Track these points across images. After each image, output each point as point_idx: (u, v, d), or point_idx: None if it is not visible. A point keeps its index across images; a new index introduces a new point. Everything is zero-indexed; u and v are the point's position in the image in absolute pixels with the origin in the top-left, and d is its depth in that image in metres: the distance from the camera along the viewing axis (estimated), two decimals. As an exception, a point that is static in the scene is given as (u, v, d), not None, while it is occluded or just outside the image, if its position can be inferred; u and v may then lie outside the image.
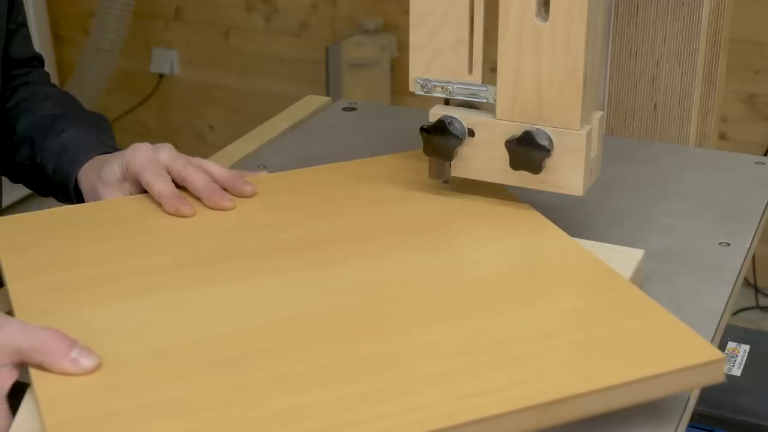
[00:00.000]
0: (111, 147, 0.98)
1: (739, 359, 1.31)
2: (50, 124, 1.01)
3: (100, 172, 0.92)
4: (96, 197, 0.92)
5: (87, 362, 0.64)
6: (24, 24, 1.09)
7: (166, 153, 0.90)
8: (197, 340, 0.68)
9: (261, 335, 0.68)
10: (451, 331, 0.68)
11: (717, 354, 0.64)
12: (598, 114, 0.83)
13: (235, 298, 0.73)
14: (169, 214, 0.86)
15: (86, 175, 0.94)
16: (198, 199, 0.87)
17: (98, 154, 0.96)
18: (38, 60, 1.14)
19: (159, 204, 0.87)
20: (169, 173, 0.89)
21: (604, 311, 0.70)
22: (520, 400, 0.60)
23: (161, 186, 0.87)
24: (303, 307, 0.71)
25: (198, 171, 0.89)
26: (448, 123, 0.83)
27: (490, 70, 0.82)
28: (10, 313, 0.72)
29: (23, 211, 0.88)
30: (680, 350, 0.65)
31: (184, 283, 0.75)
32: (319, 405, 0.60)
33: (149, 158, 0.89)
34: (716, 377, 0.64)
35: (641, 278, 0.80)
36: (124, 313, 0.71)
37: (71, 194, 0.96)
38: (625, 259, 0.79)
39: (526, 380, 0.62)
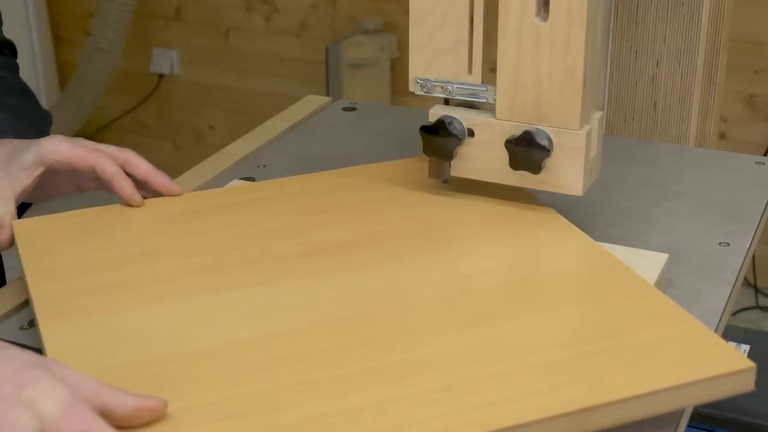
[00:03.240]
0: (25, 136, 0.92)
1: (739, 359, 1.30)
2: None
3: (10, 155, 0.87)
4: None
5: None
6: None
7: (82, 141, 0.87)
8: (220, 345, 0.67)
9: (283, 341, 0.67)
10: (477, 338, 0.67)
11: (747, 363, 0.63)
12: (598, 114, 0.83)
13: (255, 303, 0.73)
14: (123, 196, 0.85)
15: None
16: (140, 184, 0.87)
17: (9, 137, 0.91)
18: (8, 47, 1.09)
19: (157, 201, 0.86)
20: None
21: (633, 318, 0.69)
22: (549, 408, 0.59)
23: (113, 168, 0.85)
24: (323, 313, 0.71)
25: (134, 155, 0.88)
26: (448, 123, 0.83)
27: (490, 70, 0.82)
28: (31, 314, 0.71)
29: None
30: (710, 359, 0.64)
31: (206, 288, 0.75)
32: (347, 413, 0.60)
33: (74, 143, 0.86)
34: (746, 386, 0.63)
35: (665, 283, 0.80)
36: (146, 318, 0.71)
37: None
38: (649, 263, 0.78)
39: (554, 388, 0.61)
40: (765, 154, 2.20)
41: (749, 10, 2.24)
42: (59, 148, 0.85)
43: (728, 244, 0.88)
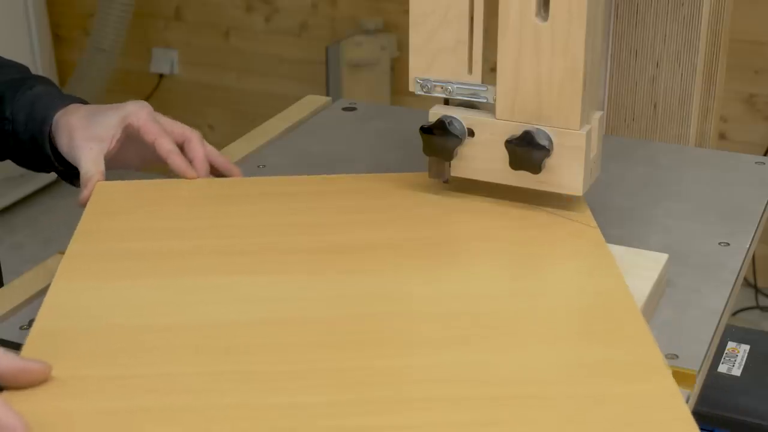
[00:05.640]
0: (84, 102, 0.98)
1: (739, 359, 1.31)
2: (20, 83, 0.99)
3: (90, 119, 0.92)
4: (71, 140, 0.91)
5: None
6: None
7: (159, 116, 0.94)
8: (198, 325, 0.69)
9: (263, 330, 0.68)
10: (452, 358, 0.66)
11: None
12: (598, 114, 0.83)
13: (251, 290, 0.74)
14: (177, 171, 0.90)
15: (63, 117, 0.93)
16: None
17: (73, 103, 0.95)
18: None
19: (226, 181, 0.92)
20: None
21: (611, 368, 0.65)
22: None
23: (170, 146, 0.91)
24: (317, 310, 0.71)
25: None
26: (448, 123, 0.83)
27: (490, 70, 0.82)
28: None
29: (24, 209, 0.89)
30: (663, 426, 0.60)
31: (212, 270, 0.77)
32: (306, 407, 0.60)
33: (152, 116, 0.92)
34: None
35: (665, 283, 0.80)
36: (145, 289, 0.74)
37: (45, 141, 0.94)
38: (649, 263, 0.78)
39: (497, 422, 0.59)
40: (765, 154, 2.20)
41: (749, 10, 2.24)
42: (140, 114, 0.92)
43: (728, 244, 0.88)
